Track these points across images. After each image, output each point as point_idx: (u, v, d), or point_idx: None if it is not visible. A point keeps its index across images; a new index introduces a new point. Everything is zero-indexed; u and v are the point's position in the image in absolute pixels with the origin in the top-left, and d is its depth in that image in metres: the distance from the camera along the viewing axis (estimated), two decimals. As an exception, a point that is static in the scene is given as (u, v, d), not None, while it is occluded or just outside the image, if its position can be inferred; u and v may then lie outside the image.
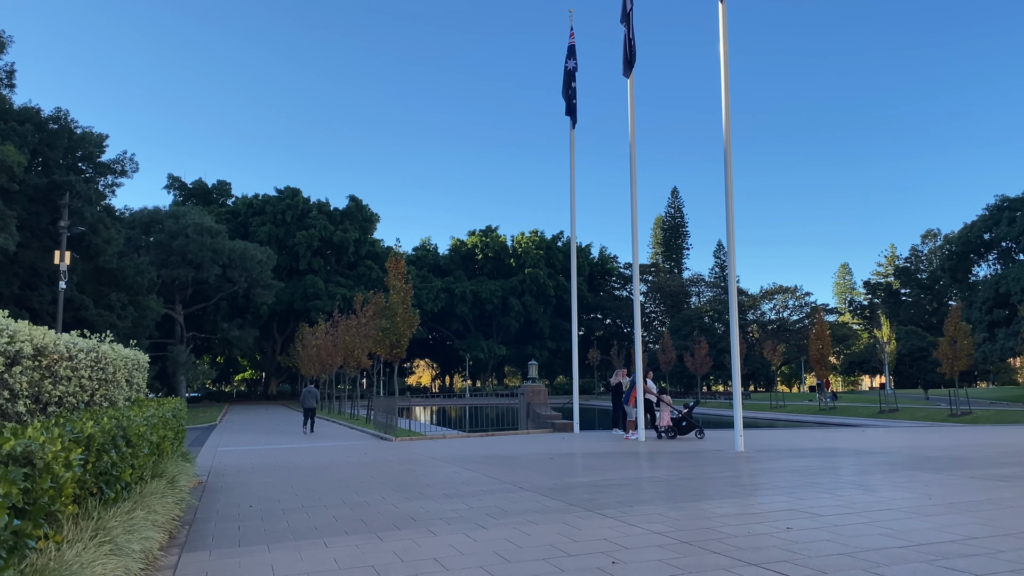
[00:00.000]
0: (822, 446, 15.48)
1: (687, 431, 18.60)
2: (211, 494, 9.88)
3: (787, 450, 14.52)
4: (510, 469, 11.83)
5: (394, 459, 14.20)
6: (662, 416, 18.73)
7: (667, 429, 18.56)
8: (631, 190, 17.69)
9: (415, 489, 9.73)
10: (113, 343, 10.20)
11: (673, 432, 18.51)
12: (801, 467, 11.32)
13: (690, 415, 18.81)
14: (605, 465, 12.23)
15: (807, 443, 16.40)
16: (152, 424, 7.73)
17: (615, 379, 21.46)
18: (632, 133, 17.37)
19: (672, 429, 18.53)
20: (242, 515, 8.12)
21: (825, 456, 13.08)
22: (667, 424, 18.60)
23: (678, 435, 18.53)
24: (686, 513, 7.32)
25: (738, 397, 14.69)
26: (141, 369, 12.30)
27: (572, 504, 8.08)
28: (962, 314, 42.17)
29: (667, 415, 18.76)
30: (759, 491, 8.73)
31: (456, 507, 8.14)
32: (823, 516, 7.00)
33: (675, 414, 18.73)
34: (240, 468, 13.23)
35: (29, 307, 37.65)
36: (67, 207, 27.33)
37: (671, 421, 18.61)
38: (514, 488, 9.51)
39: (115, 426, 5.70)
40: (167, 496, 7.64)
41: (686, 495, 8.56)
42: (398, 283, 25.50)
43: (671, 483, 9.68)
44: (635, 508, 7.72)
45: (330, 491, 9.78)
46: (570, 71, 20.26)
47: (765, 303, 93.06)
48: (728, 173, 14.48)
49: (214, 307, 65.71)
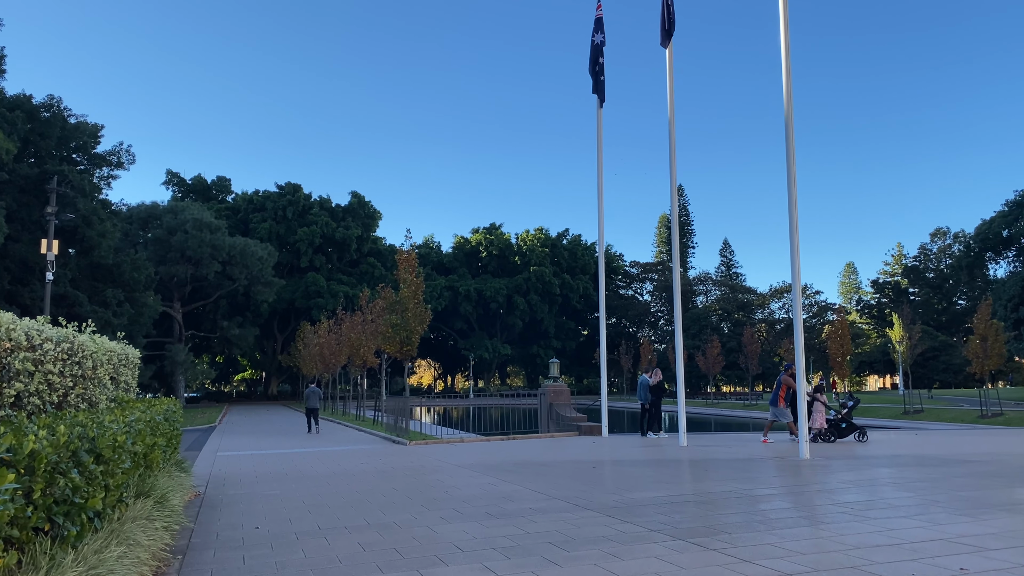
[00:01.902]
0: (891, 452, 13.98)
1: (846, 434, 16.76)
2: (210, 511, 8.39)
3: (855, 458, 13.02)
4: (551, 480, 10.33)
5: (414, 466, 12.71)
6: (815, 417, 16.79)
7: (821, 432, 16.67)
8: (670, 174, 16.22)
9: (449, 506, 8.25)
10: (96, 334, 8.70)
11: (831, 435, 16.65)
12: (896, 479, 9.83)
13: (850, 416, 16.98)
14: (658, 475, 10.74)
15: (871, 450, 14.89)
16: (136, 431, 6.23)
17: (654, 378, 19.84)
18: (671, 109, 15.90)
19: (829, 432, 16.65)
20: (247, 540, 6.64)
21: (909, 465, 11.58)
22: (821, 426, 16.76)
23: (837, 438, 16.67)
24: (807, 543, 5.82)
25: (802, 398, 13.07)
26: (130, 365, 10.79)
27: (652, 530, 6.59)
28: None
29: (821, 416, 16.85)
30: (873, 510, 7.24)
31: (508, 532, 6.65)
32: (992, 550, 5.50)
33: (831, 415, 16.98)
34: (243, 476, 11.74)
35: (20, 303, 36.14)
36: (55, 192, 25.77)
37: (826, 423, 16.77)
38: (568, 506, 8.02)
39: (78, 437, 4.20)
40: (155, 520, 6.14)
41: (786, 517, 7.06)
42: (409, 277, 23.99)
43: (751, 499, 8.19)
44: (735, 535, 6.23)
45: (349, 508, 8.29)
46: (597, 45, 18.78)
47: (775, 302, 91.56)
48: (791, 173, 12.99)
49: (213, 305, 64.18)
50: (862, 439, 16.83)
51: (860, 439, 16.84)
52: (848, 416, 16.92)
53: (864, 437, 16.92)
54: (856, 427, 16.96)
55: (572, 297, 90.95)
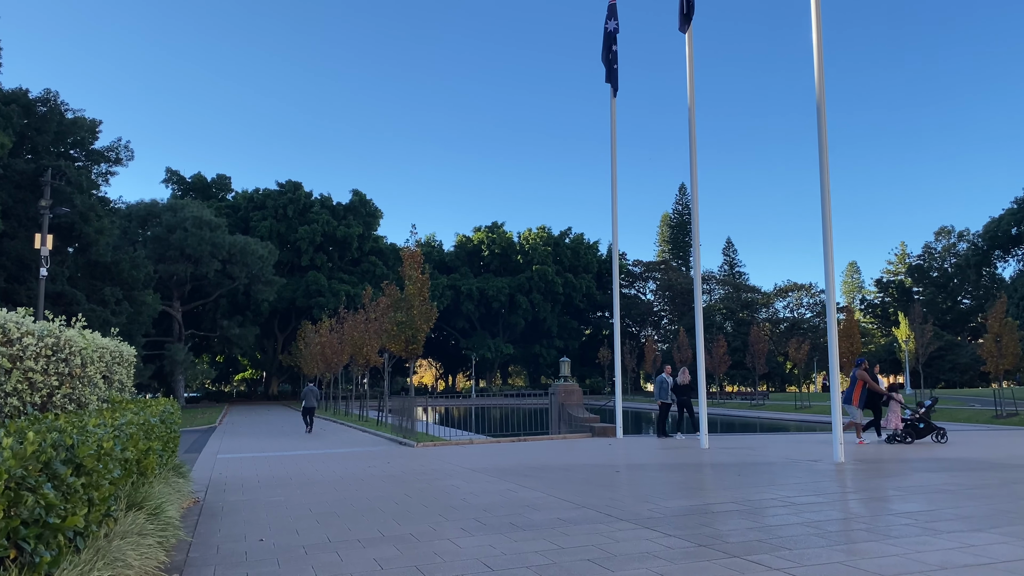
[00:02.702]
0: (928, 456, 13.32)
1: (924, 434, 16.04)
2: (209, 520, 7.74)
3: (894, 461, 12.36)
4: (575, 486, 9.68)
5: (425, 470, 12.06)
6: (890, 418, 16.16)
7: (897, 433, 15.96)
8: (691, 164, 15.54)
9: (469, 515, 7.59)
10: (86, 329, 8.04)
11: (907, 436, 15.92)
12: (949, 485, 9.17)
13: (928, 415, 16.26)
14: (688, 481, 10.08)
15: (906, 453, 14.22)
16: (127, 436, 5.58)
17: (683, 377, 19.01)
18: (691, 96, 15.23)
19: (906, 433, 15.92)
20: (250, 555, 5.99)
21: (955, 470, 10.92)
22: (897, 427, 16.05)
23: (915, 439, 15.97)
24: (884, 562, 5.16)
25: (836, 397, 12.36)
26: (125, 363, 10.13)
27: (701, 545, 5.93)
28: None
29: (897, 416, 16.15)
30: (940, 521, 6.57)
31: (540, 547, 6.00)
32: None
33: (907, 414, 16.28)
34: (245, 481, 11.08)
35: (16, 301, 35.45)
36: (48, 185, 25.06)
37: (902, 422, 16.07)
38: (600, 516, 7.36)
39: (52, 445, 3.54)
40: (147, 536, 5.49)
41: (846, 530, 6.41)
42: (414, 273, 23.34)
43: (799, 508, 7.53)
44: (796, 551, 5.57)
45: (361, 517, 7.64)
46: (610, 33, 18.10)
47: (779, 301, 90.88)
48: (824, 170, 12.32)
49: (213, 304, 63.53)
50: (941, 440, 16.08)
51: (939, 440, 16.09)
52: (926, 416, 16.18)
53: (943, 438, 16.15)
54: (934, 427, 16.21)
55: (575, 296, 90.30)
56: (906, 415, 16.25)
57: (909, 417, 16.17)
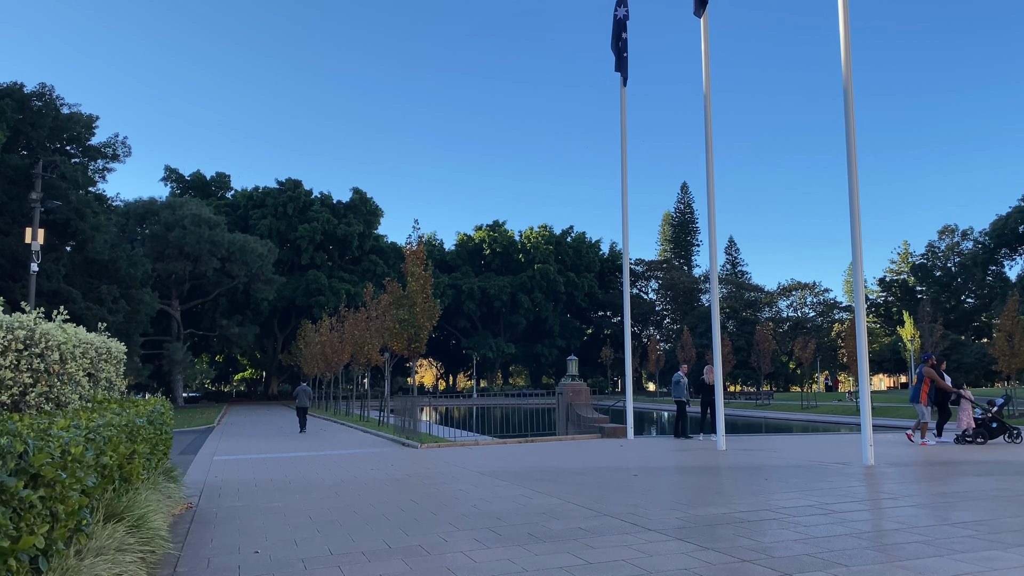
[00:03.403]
0: (961, 458, 12.73)
1: (997, 434, 15.43)
2: (201, 529, 7.15)
3: (928, 464, 11.76)
4: (593, 492, 9.09)
5: (430, 474, 11.46)
6: (962, 417, 15.56)
7: (967, 432, 15.38)
8: (707, 153, 14.97)
9: (482, 524, 7.00)
10: (67, 323, 7.44)
11: (979, 436, 15.34)
12: (999, 491, 8.58)
13: (1000, 414, 15.64)
14: (712, 486, 9.48)
15: (939, 454, 13.63)
16: (104, 438, 4.98)
17: (708, 376, 18.31)
18: (707, 83, 14.67)
19: (978, 432, 15.34)
20: (244, 570, 5.39)
21: (996, 474, 10.32)
22: (968, 426, 15.49)
23: (987, 439, 15.38)
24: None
25: (866, 396, 11.72)
26: (113, 360, 9.53)
27: (744, 560, 5.33)
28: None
29: (968, 415, 15.55)
30: (1005, 533, 5.96)
31: (564, 562, 5.40)
32: None
33: (978, 413, 15.65)
34: (241, 485, 10.48)
35: (10, 299, 34.83)
36: (40, 178, 24.40)
37: (975, 422, 15.48)
38: (626, 525, 6.76)
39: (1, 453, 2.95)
40: (126, 552, 4.89)
41: (902, 542, 5.81)
42: (417, 269, 22.75)
43: (840, 517, 6.94)
44: (854, 568, 4.98)
45: (365, 526, 7.04)
46: (620, 20, 17.52)
47: (782, 300, 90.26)
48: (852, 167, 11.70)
49: (212, 303, 62.93)
50: (1016, 440, 15.48)
51: (1013, 440, 15.48)
52: (999, 415, 15.57)
53: (1019, 438, 15.54)
54: (1008, 427, 15.58)
55: (577, 295, 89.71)
56: (977, 414, 15.64)
57: (980, 416, 15.55)
